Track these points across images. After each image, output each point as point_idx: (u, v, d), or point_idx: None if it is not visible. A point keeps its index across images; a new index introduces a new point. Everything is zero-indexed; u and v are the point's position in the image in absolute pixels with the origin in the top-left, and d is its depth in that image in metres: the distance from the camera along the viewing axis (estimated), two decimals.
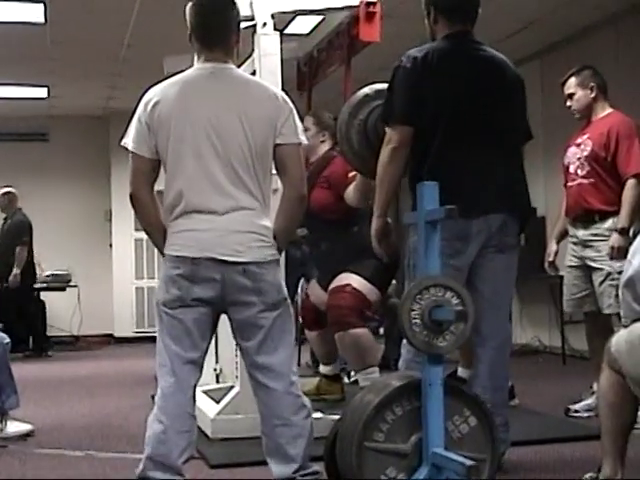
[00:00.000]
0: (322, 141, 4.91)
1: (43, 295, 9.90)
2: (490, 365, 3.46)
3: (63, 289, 9.82)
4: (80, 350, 9.76)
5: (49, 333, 10.05)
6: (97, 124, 10.64)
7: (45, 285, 9.67)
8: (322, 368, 5.18)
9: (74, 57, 7.97)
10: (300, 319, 5.27)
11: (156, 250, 3.13)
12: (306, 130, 4.81)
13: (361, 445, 2.67)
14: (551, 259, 4.93)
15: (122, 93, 9.39)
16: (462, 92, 3.40)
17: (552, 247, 4.94)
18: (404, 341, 3.52)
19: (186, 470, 2.86)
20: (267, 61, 4.32)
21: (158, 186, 2.97)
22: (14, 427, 4.49)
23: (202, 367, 2.94)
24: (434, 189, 2.70)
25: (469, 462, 2.49)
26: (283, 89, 3.51)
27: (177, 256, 2.84)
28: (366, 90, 4.01)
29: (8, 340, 4.63)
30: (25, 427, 4.52)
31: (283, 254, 3.11)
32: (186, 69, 3.04)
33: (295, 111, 2.96)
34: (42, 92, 9.20)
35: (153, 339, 9.99)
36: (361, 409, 2.74)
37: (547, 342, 8.03)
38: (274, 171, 2.99)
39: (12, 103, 9.68)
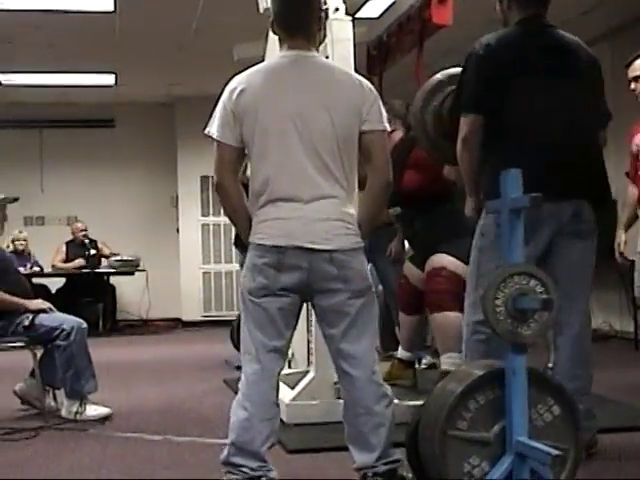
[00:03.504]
0: (393, 130, 4.89)
1: (113, 280, 10.09)
2: (569, 353, 3.44)
3: (132, 273, 9.97)
4: (149, 334, 9.90)
5: (118, 317, 10.26)
6: (163, 110, 10.77)
7: (114, 270, 9.83)
8: (400, 352, 5.16)
9: (141, 45, 8.07)
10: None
11: (222, 235, 3.15)
12: None
13: (444, 433, 2.66)
14: (621, 249, 4.83)
15: (188, 79, 9.50)
16: (536, 79, 3.36)
17: (621, 237, 4.85)
18: (466, 302, 3.53)
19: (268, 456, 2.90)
20: (340, 47, 4.32)
21: None
22: (93, 410, 4.59)
23: (286, 355, 2.97)
24: (518, 176, 2.68)
25: (555, 451, 2.47)
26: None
27: (263, 245, 2.85)
28: (439, 76, 3.98)
29: (85, 325, 4.73)
30: (104, 410, 4.61)
31: None
32: (256, 56, 3.05)
33: (379, 98, 2.95)
34: (110, 79, 9.33)
35: (220, 323, 10.27)
36: (444, 397, 2.73)
37: (618, 327, 7.92)
38: None
39: (80, 90, 9.84)
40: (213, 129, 2.94)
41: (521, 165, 2.88)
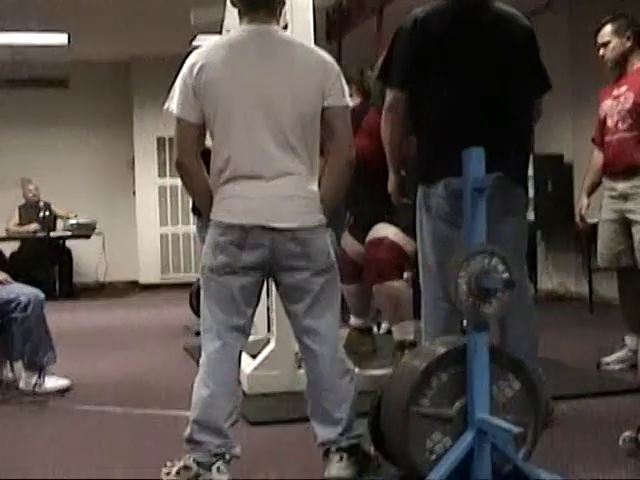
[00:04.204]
0: (349, 95, 4.85)
1: (69, 243, 9.98)
2: (512, 326, 3.46)
3: (88, 237, 9.87)
4: (106, 298, 9.84)
5: (75, 280, 10.17)
6: (118, 70, 10.60)
7: (70, 234, 9.72)
8: (353, 321, 5.19)
9: (95, 3, 7.88)
10: None
11: (180, 197, 3.09)
12: None
13: (407, 410, 2.68)
14: (583, 212, 4.88)
15: (143, 39, 9.32)
16: (463, 58, 3.36)
17: (583, 201, 4.88)
18: (422, 278, 3.56)
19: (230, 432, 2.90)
20: (299, 14, 4.26)
21: None
22: (52, 382, 4.56)
23: (248, 333, 2.96)
24: (480, 156, 2.67)
25: (516, 429, 2.51)
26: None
27: (225, 223, 2.83)
28: None
29: (43, 296, 4.67)
30: (63, 382, 4.58)
31: None
32: (214, 21, 2.99)
33: (342, 74, 2.93)
34: (62, 38, 9.12)
35: (178, 286, 10.22)
36: (407, 375, 2.75)
37: (574, 289, 8.04)
38: None
39: (32, 50, 9.60)
40: (173, 105, 2.89)
41: (445, 146, 2.99)
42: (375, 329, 5.74)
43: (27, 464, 3.29)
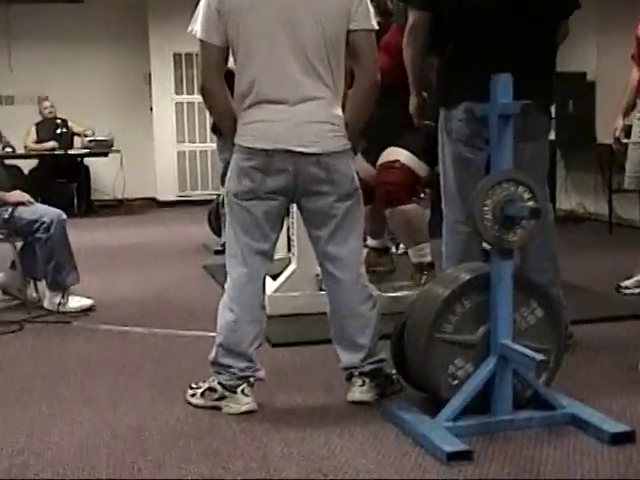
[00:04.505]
0: None
1: (86, 160, 9.98)
2: (535, 248, 3.42)
3: (106, 155, 9.86)
4: (124, 215, 9.87)
5: (93, 197, 10.20)
6: None
7: (88, 151, 9.71)
8: (370, 242, 5.19)
9: None
10: None
11: (197, 113, 3.04)
12: None
13: (431, 336, 2.71)
14: (617, 134, 4.79)
15: None
16: None
17: (618, 122, 4.79)
18: (443, 200, 3.55)
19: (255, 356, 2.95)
20: None
21: None
22: (75, 302, 4.62)
23: (272, 258, 2.98)
24: (508, 82, 2.64)
25: (539, 356, 2.53)
26: None
27: (250, 147, 2.82)
28: None
29: (65, 216, 4.70)
30: (86, 302, 4.64)
31: None
32: None
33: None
34: None
35: (196, 203, 10.25)
36: (430, 301, 2.77)
37: (593, 209, 8.00)
38: None
39: None
40: (197, 27, 2.86)
41: (467, 70, 2.96)
42: (394, 249, 5.76)
43: (55, 384, 3.35)
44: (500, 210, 2.62)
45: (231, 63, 2.91)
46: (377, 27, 2.91)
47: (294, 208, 4.03)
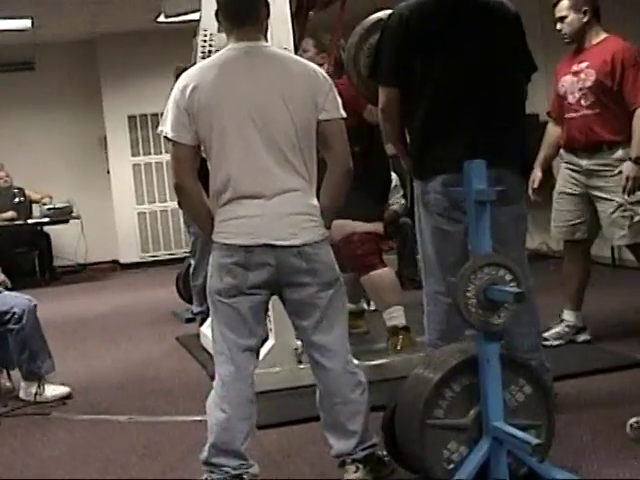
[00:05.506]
0: (321, 64, 4.78)
1: (47, 227, 9.89)
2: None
3: (66, 221, 9.79)
4: (88, 280, 9.78)
5: (55, 264, 10.10)
6: (85, 49, 10.37)
7: (48, 220, 9.64)
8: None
9: None
10: None
11: (154, 173, 3.04)
12: (305, 52, 4.74)
13: (422, 423, 2.72)
14: (536, 186, 4.77)
15: (108, 15, 9.13)
16: (452, 52, 3.34)
17: (537, 174, 4.77)
18: (423, 273, 3.57)
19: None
20: (279, 25, 4.18)
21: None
22: (52, 391, 4.54)
23: (259, 353, 2.97)
24: (482, 168, 2.68)
25: (535, 440, 2.55)
26: None
27: (229, 244, 2.82)
28: (380, 14, 3.95)
29: (35, 303, 4.64)
30: (63, 390, 4.57)
31: None
32: (187, 10, 2.93)
33: (334, 86, 2.91)
34: (26, 23, 8.92)
35: (159, 263, 10.11)
36: (421, 387, 2.77)
37: (555, 247, 8.08)
38: None
39: None
40: (167, 128, 2.86)
41: (443, 144, 3.02)
42: (365, 306, 5.78)
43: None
44: (483, 294, 2.64)
45: None
46: (344, 115, 2.93)
47: None
